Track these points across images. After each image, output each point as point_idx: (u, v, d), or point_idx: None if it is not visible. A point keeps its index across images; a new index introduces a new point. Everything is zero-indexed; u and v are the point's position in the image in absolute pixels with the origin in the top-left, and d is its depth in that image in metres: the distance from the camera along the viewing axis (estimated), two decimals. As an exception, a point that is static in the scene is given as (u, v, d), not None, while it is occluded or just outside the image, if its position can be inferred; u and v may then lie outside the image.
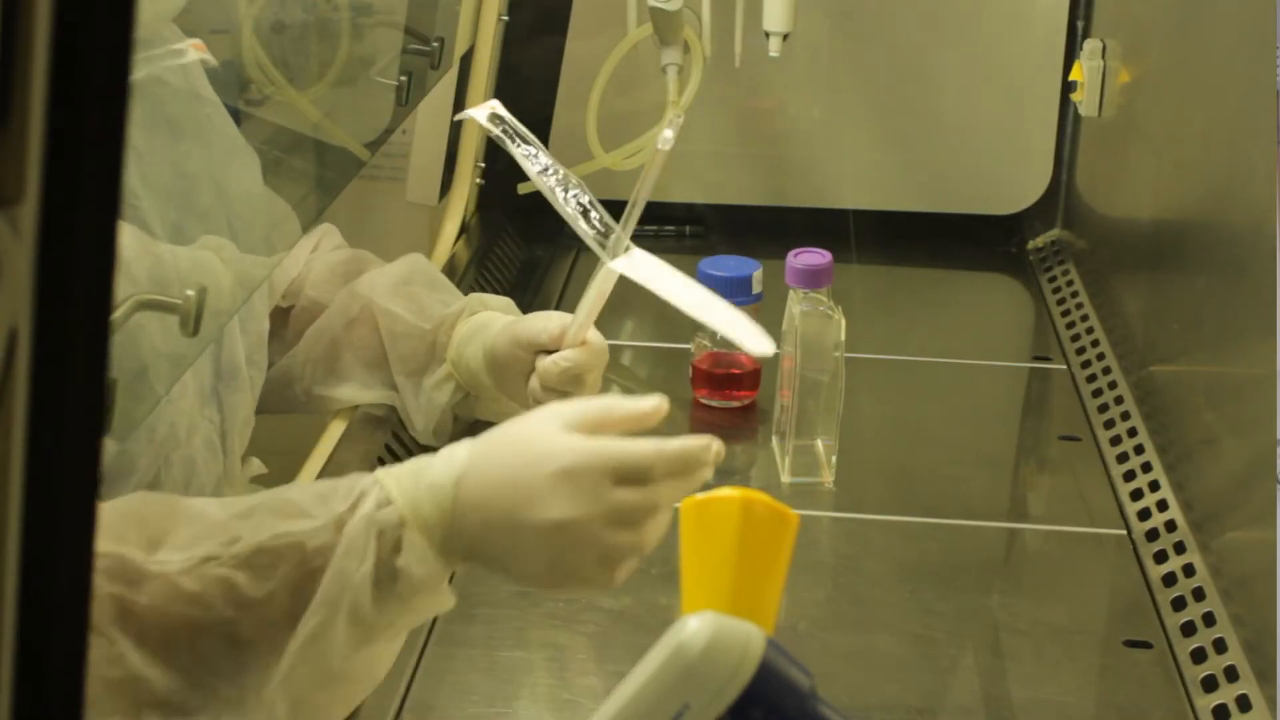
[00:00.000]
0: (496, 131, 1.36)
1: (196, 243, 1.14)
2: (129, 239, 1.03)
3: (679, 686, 0.80)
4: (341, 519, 0.93)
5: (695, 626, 0.77)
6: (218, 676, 0.92)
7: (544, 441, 0.93)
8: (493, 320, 1.47)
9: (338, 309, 1.49)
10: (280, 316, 1.50)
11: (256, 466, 1.42)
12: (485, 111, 1.37)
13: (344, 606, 0.92)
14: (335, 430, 1.49)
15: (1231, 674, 1.29)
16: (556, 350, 1.40)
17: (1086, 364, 1.87)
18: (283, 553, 0.92)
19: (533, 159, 1.35)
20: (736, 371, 1.73)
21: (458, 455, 0.95)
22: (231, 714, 0.93)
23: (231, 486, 1.32)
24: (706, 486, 0.86)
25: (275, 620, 0.92)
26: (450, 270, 1.93)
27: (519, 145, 1.36)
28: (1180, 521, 1.50)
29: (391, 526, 0.93)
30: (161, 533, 0.93)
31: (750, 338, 1.26)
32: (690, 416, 1.73)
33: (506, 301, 1.53)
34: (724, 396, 1.72)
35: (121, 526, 0.93)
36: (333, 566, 0.92)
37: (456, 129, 2.06)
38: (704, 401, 1.74)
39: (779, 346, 1.61)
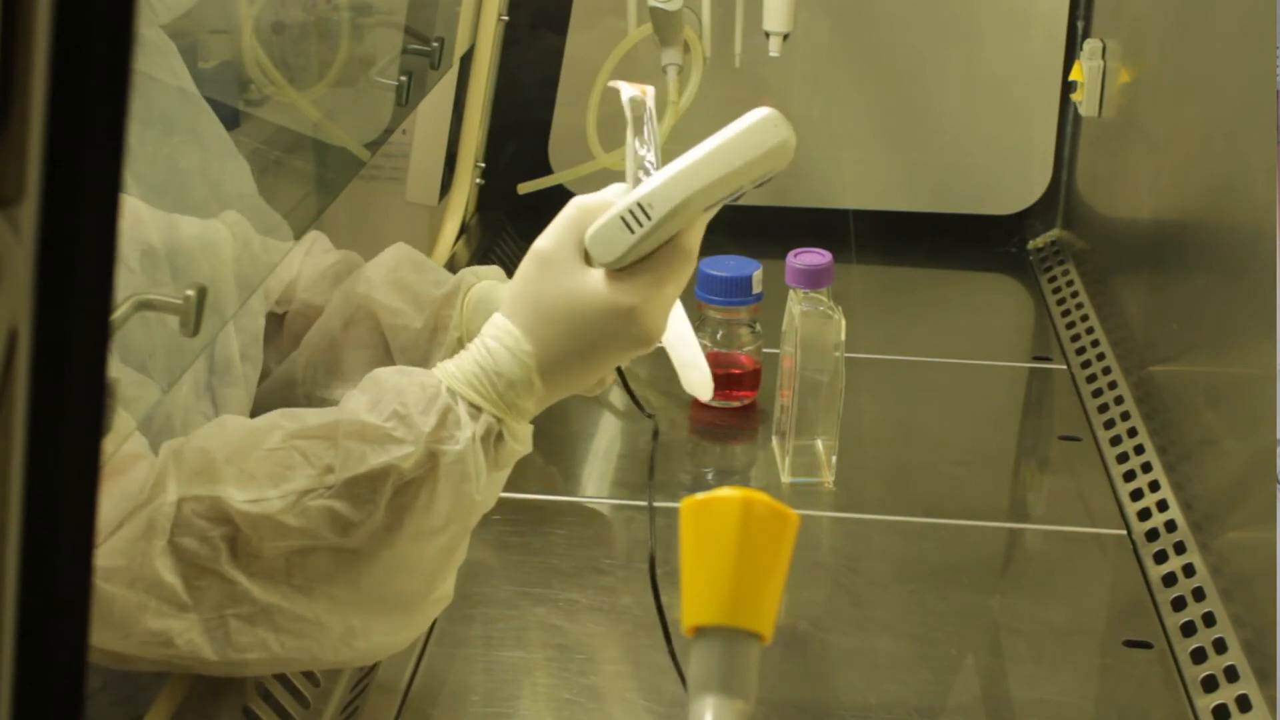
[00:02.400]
0: (630, 116, 1.35)
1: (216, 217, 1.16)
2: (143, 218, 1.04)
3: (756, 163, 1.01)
4: (437, 438, 1.01)
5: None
6: (333, 584, 1.01)
7: (585, 296, 1.02)
8: (494, 290, 1.49)
9: (334, 311, 1.49)
10: (274, 322, 1.50)
11: None
12: (633, 90, 1.37)
13: (473, 518, 1.04)
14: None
15: (1231, 674, 1.29)
16: None
17: (1086, 364, 1.87)
18: (379, 477, 1.00)
19: (641, 155, 1.35)
20: (737, 371, 1.73)
21: (521, 346, 1.03)
22: (353, 612, 1.03)
23: None
24: (707, 487, 0.86)
25: (380, 531, 1.01)
26: (450, 270, 1.93)
27: (640, 136, 1.37)
28: (1180, 521, 1.50)
29: (493, 431, 1.03)
30: (247, 465, 1.00)
31: (697, 383, 1.56)
32: (690, 416, 1.73)
33: (496, 269, 1.54)
34: (724, 396, 1.72)
35: (205, 465, 1.00)
36: (451, 489, 1.01)
37: (456, 129, 2.06)
38: (704, 401, 1.72)
39: (779, 346, 1.61)
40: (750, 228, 2.20)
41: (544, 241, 1.04)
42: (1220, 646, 1.32)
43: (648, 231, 1.00)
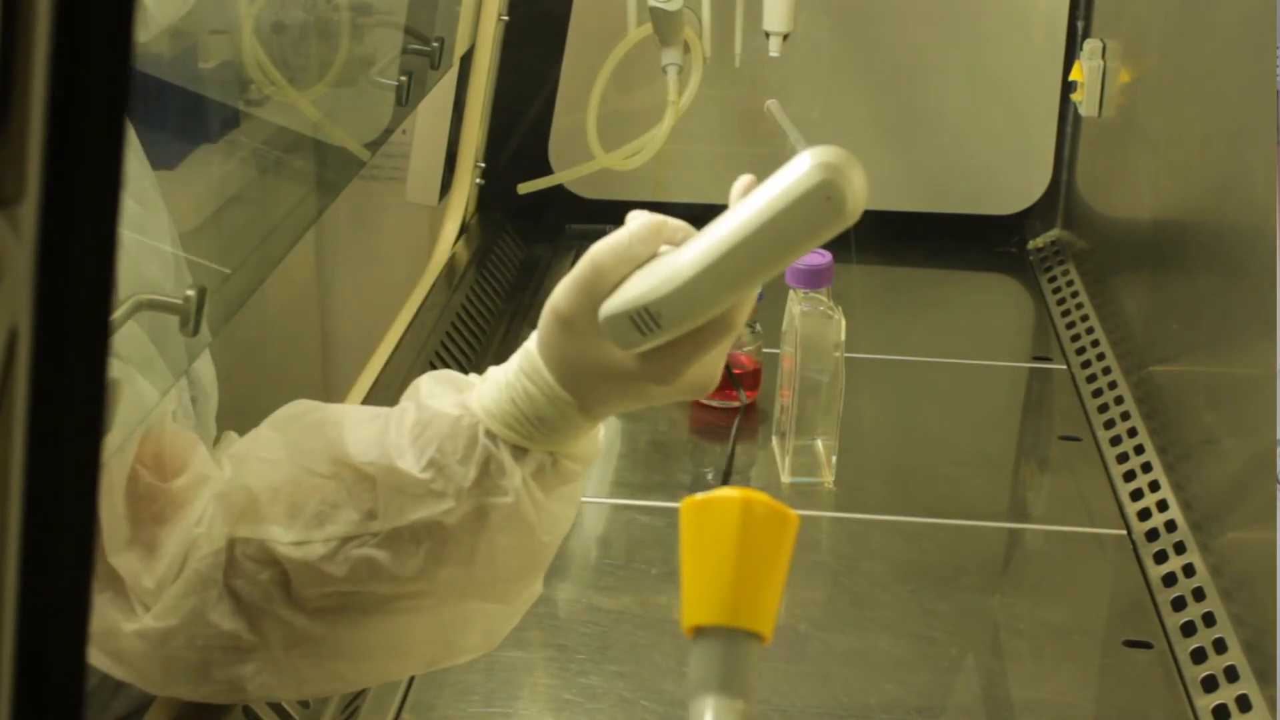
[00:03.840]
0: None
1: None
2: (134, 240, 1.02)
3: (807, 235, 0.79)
4: (482, 489, 0.92)
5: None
6: (397, 601, 0.96)
7: (616, 369, 0.89)
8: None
9: None
10: None
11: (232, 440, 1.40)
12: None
13: (547, 554, 0.98)
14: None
15: (1231, 674, 1.29)
16: None
17: (1086, 364, 1.87)
18: (422, 532, 0.93)
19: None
20: (737, 371, 1.72)
21: (559, 394, 0.91)
22: (430, 636, 0.99)
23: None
24: (706, 487, 0.86)
25: (438, 588, 0.95)
26: (450, 270, 1.93)
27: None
28: (1180, 521, 1.50)
29: (545, 465, 0.93)
30: (296, 495, 0.95)
31: None
32: (690, 416, 1.73)
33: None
34: (724, 396, 1.72)
35: (250, 504, 0.96)
36: (510, 538, 0.94)
37: (456, 129, 2.06)
38: (704, 401, 1.73)
39: (779, 346, 1.61)
40: (750, 228, 2.20)
41: (561, 302, 0.90)
42: (1220, 646, 1.32)
43: (661, 339, 0.85)
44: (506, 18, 2.07)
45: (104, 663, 0.98)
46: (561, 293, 0.90)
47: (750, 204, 0.80)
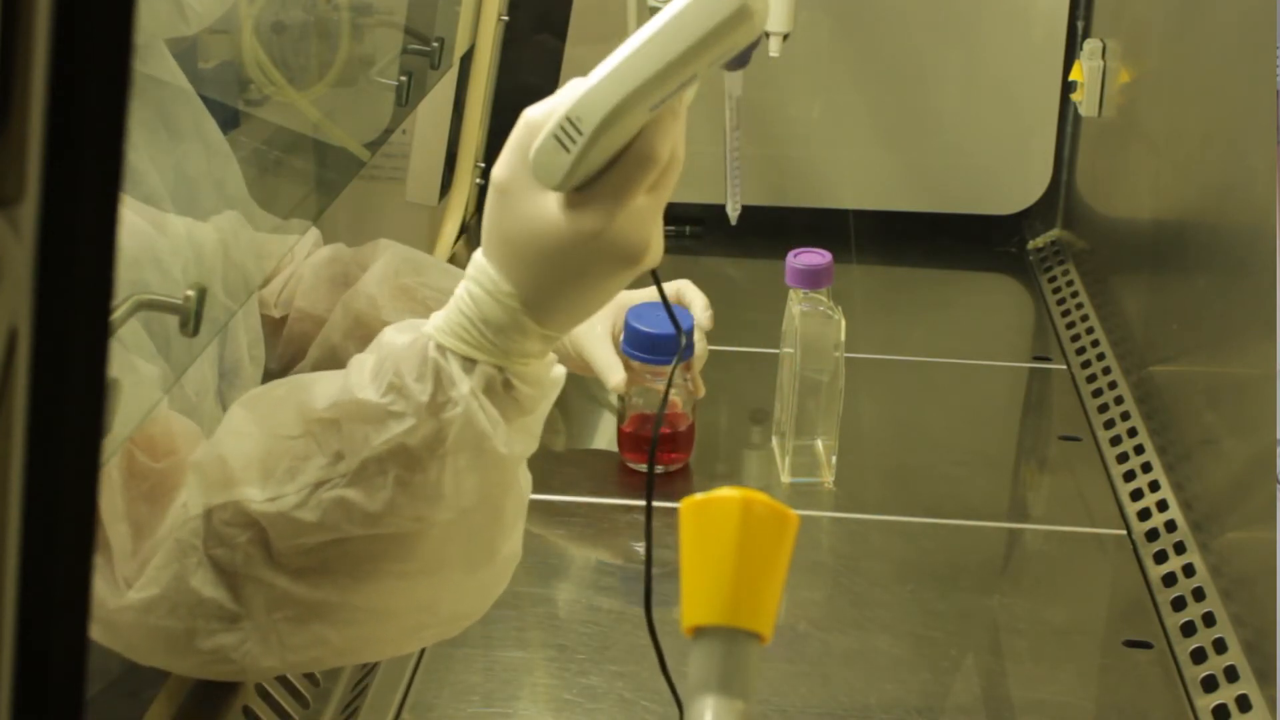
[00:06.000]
0: None
1: (209, 221, 1.14)
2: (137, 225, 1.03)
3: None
4: (436, 405, 0.93)
5: None
6: (381, 568, 0.97)
7: (547, 227, 0.90)
8: None
9: (335, 324, 1.48)
10: (272, 325, 1.49)
11: None
12: None
13: (512, 473, 0.97)
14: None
15: (1231, 674, 1.29)
16: None
17: (1086, 364, 1.87)
18: (387, 459, 0.93)
19: None
20: (667, 431, 1.60)
21: (501, 288, 0.92)
22: (416, 588, 0.98)
23: None
24: (707, 487, 0.86)
25: (407, 519, 0.95)
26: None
27: None
28: (1180, 521, 1.50)
29: (495, 381, 0.93)
30: (268, 460, 0.96)
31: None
32: (618, 482, 1.61)
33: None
34: (664, 461, 1.61)
35: (224, 472, 0.97)
36: (470, 457, 0.94)
37: (456, 129, 2.06)
38: (632, 466, 1.62)
39: (779, 346, 1.61)
40: (750, 228, 2.21)
41: (498, 170, 0.92)
42: (1220, 646, 1.32)
43: (584, 148, 0.86)
44: (506, 18, 2.07)
45: (96, 631, 0.99)
46: (499, 162, 0.92)
47: (657, 16, 0.86)
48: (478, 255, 0.94)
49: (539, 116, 0.90)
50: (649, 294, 1.55)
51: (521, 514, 1.01)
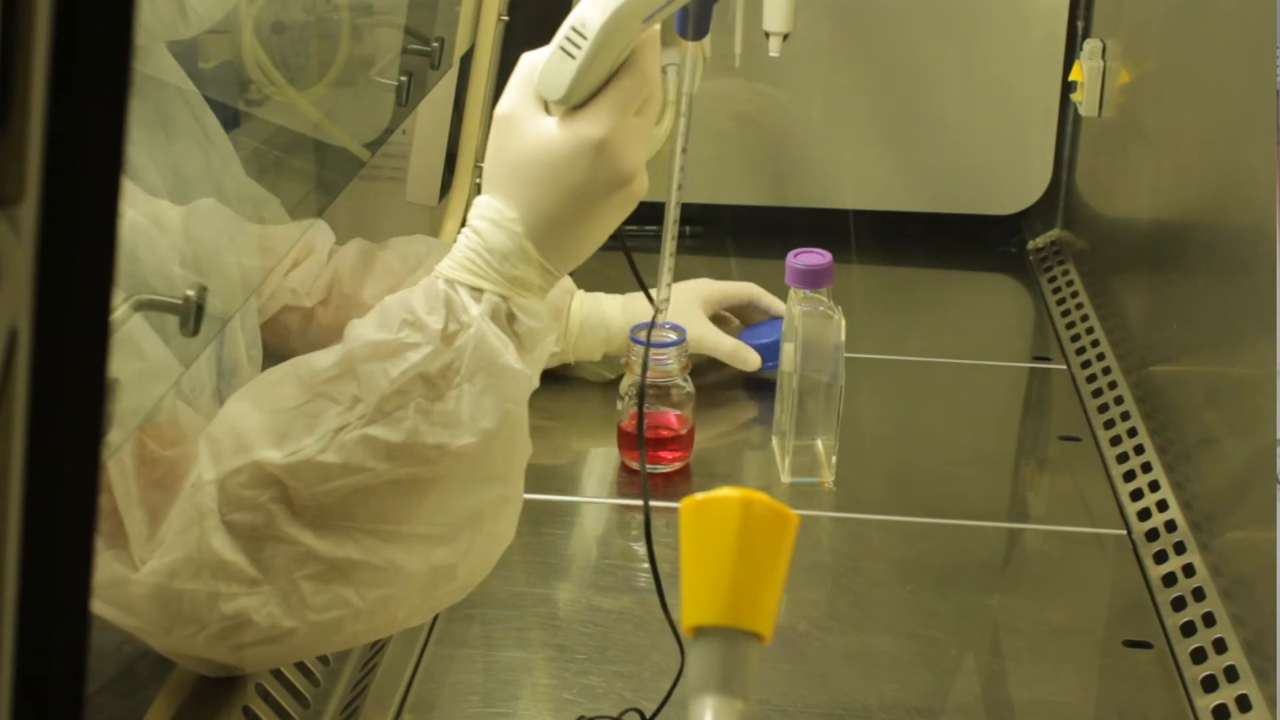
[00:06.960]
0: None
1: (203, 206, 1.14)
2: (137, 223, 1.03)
3: None
4: (449, 333, 0.97)
5: None
6: (405, 521, 0.98)
7: (551, 141, 0.97)
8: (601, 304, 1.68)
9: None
10: (304, 315, 1.51)
11: None
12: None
13: (523, 391, 1.00)
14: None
15: (1231, 674, 1.29)
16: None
17: (1086, 364, 1.87)
18: (407, 389, 0.97)
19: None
20: (666, 433, 1.61)
21: (505, 215, 0.99)
22: (433, 549, 1.00)
23: None
24: (707, 487, 0.86)
25: (430, 447, 0.97)
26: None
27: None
28: (1180, 521, 1.50)
29: (501, 310, 0.98)
30: (278, 426, 0.98)
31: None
32: (618, 482, 1.62)
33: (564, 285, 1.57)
34: (652, 460, 1.61)
35: (238, 439, 0.98)
36: (486, 374, 0.97)
37: (456, 129, 2.06)
38: (632, 466, 1.62)
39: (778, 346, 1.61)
40: (750, 228, 2.21)
41: (502, 104, 1.00)
42: (1220, 646, 1.32)
43: (589, 54, 0.96)
44: (506, 18, 2.07)
45: (111, 613, 0.99)
46: (503, 98, 1.00)
47: None
48: (480, 196, 1.01)
49: (541, 56, 0.99)
50: (729, 290, 1.81)
51: (525, 455, 1.04)
